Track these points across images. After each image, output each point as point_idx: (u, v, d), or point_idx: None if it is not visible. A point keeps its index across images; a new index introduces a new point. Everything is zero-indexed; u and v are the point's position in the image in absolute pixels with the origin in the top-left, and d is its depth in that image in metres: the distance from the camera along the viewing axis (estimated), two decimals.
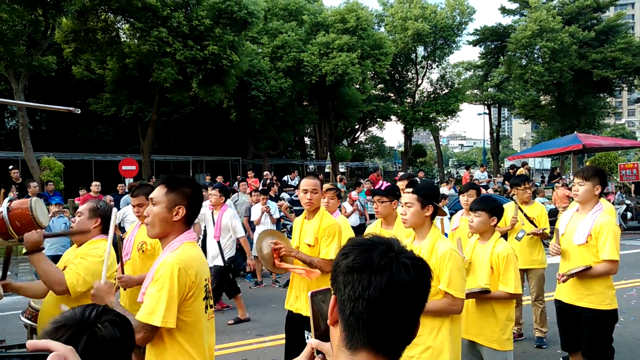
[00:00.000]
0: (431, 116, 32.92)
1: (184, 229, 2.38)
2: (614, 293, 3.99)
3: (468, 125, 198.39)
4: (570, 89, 31.27)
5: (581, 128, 29.06)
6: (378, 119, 37.34)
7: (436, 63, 35.07)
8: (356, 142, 42.43)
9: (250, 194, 10.65)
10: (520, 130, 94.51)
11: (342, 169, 36.40)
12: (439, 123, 35.66)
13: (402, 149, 39.33)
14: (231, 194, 10.12)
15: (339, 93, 27.39)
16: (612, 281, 4.03)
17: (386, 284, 0.97)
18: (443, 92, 34.68)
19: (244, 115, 25.74)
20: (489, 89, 37.17)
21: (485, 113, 40.20)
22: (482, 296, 3.57)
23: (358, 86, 29.22)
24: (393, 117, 35.04)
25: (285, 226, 11.25)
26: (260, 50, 24.56)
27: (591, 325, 3.91)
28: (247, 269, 10.15)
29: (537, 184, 18.59)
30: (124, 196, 11.01)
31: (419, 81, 35.20)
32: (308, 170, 34.23)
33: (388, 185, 4.14)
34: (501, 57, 33.15)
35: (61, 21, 16.93)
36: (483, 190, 14.58)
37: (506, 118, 53.81)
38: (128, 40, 20.74)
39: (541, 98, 35.94)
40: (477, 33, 33.78)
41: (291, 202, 10.36)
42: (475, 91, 37.51)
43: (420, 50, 33.89)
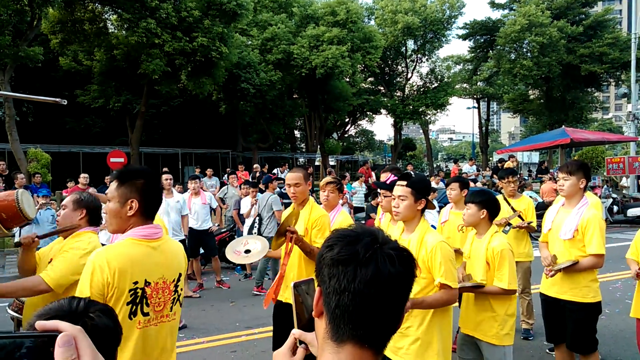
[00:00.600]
0: (421, 110, 33.00)
1: (142, 223, 2.28)
2: (598, 286, 4.05)
3: (457, 119, 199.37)
4: (558, 84, 31.48)
5: (569, 122, 29.31)
6: (368, 113, 37.35)
7: (426, 57, 35.10)
8: (346, 136, 42.45)
9: (239, 187, 10.64)
10: (508, 124, 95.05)
11: (332, 162, 36.41)
12: (429, 117, 35.76)
13: (392, 143, 39.43)
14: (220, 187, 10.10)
15: (329, 86, 27.35)
16: (598, 274, 4.09)
17: (372, 276, 0.97)
18: (433, 86, 34.76)
19: (234, 107, 25.61)
20: (478, 83, 37.31)
21: (474, 107, 40.39)
22: (477, 291, 3.58)
23: (348, 79, 29.19)
24: (383, 111, 35.07)
25: None
26: (249, 42, 24.41)
27: (575, 317, 3.97)
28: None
29: (525, 178, 18.72)
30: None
31: (409, 75, 35.24)
32: (298, 163, 34.20)
33: (394, 179, 4.11)
34: (490, 52, 33.29)
35: (47, 11, 16.70)
36: (472, 184, 14.67)
37: (495, 112, 54.03)
38: (116, 31, 20.52)
39: (530, 92, 36.15)
40: (467, 27, 33.87)
41: (280, 195, 10.33)
42: (464, 85, 37.63)
43: (410, 43, 33.90)
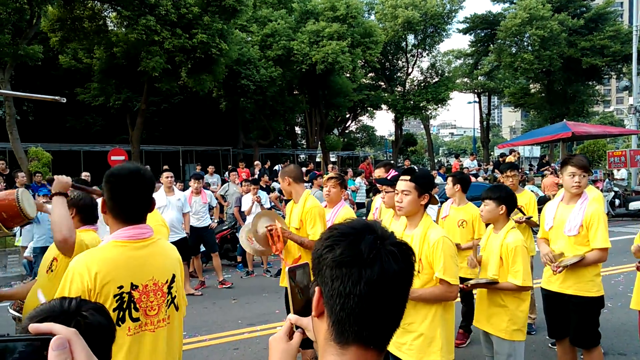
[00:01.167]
0: (421, 105, 32.94)
1: (123, 224, 2.17)
2: (601, 279, 4.04)
3: (458, 113, 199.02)
4: (559, 77, 31.40)
5: (570, 116, 29.25)
6: (369, 108, 37.28)
7: (426, 51, 35.01)
8: (347, 132, 42.40)
9: (240, 184, 10.63)
10: (510, 118, 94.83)
11: (333, 159, 36.39)
12: (430, 112, 35.69)
13: (393, 138, 39.39)
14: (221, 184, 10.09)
15: (330, 82, 27.30)
16: (600, 268, 4.08)
17: (377, 277, 0.96)
18: (433, 81, 34.68)
19: (234, 104, 25.58)
20: (479, 77, 37.23)
21: (475, 101, 40.32)
22: (492, 287, 3.59)
23: (348, 75, 29.13)
24: (384, 106, 35.01)
25: None
26: (249, 38, 24.35)
27: (580, 311, 3.96)
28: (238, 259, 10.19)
29: (526, 172, 18.70)
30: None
31: (410, 70, 35.16)
32: (299, 159, 34.19)
33: (395, 174, 4.11)
34: (491, 45, 33.19)
35: (47, 9, 16.68)
36: (473, 178, 14.66)
37: (496, 106, 54.02)
38: (115, 28, 20.48)
39: (531, 86, 36.08)
40: (467, 21, 33.78)
41: (281, 192, 10.34)
42: (465, 79, 37.55)
43: (410, 38, 33.81)
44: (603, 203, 4.44)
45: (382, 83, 35.31)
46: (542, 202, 8.80)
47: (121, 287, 2.08)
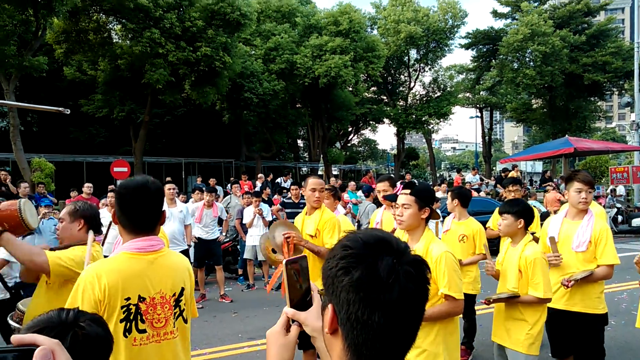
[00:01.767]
0: (424, 119, 33.02)
1: (132, 235, 2.22)
2: (604, 297, 4.02)
3: (460, 128, 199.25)
4: (561, 93, 31.50)
5: (572, 131, 29.27)
6: (371, 122, 37.39)
7: (429, 66, 35.18)
8: (349, 145, 42.48)
9: (242, 196, 10.63)
10: (512, 133, 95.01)
11: (335, 172, 36.41)
12: (432, 126, 35.76)
13: (395, 152, 39.42)
14: (222, 197, 10.08)
15: (332, 95, 27.42)
16: (604, 285, 4.06)
17: (396, 300, 0.95)
18: (435, 95, 34.80)
19: (237, 117, 25.68)
20: (481, 92, 37.35)
21: (477, 116, 40.39)
22: (513, 301, 3.55)
23: (351, 89, 29.27)
24: (386, 120, 35.11)
25: None
26: (253, 52, 24.52)
27: (586, 329, 3.92)
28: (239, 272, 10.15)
29: (528, 187, 18.67)
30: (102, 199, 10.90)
31: (412, 84, 35.31)
32: (301, 172, 34.21)
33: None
34: (493, 61, 33.36)
35: (52, 21, 16.81)
36: (475, 193, 14.64)
37: (498, 121, 54.12)
38: (120, 41, 20.64)
39: (533, 101, 36.17)
40: (469, 36, 33.98)
41: (283, 205, 10.32)
42: (467, 94, 37.66)
43: (412, 53, 34.00)
44: (606, 219, 4.43)
45: (385, 97, 35.43)
46: (544, 218, 8.77)
47: (128, 299, 2.11)
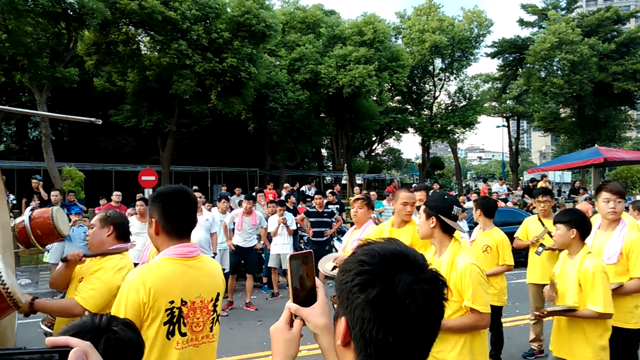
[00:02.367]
0: (449, 128, 32.79)
1: (172, 241, 2.27)
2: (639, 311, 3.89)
3: (486, 137, 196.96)
4: (590, 102, 30.90)
5: (602, 141, 28.65)
6: (395, 131, 37.29)
7: (454, 75, 34.98)
8: (373, 154, 42.42)
9: (266, 205, 10.68)
10: (539, 143, 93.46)
11: (359, 181, 36.36)
12: (457, 135, 35.50)
13: (420, 161, 39.18)
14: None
15: (356, 105, 27.47)
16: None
17: (412, 320, 0.93)
18: (461, 104, 34.55)
19: (262, 126, 25.92)
20: (508, 102, 36.93)
21: (504, 125, 39.91)
22: (570, 315, 3.44)
23: (375, 98, 29.27)
24: (410, 129, 34.97)
25: (302, 237, 11.22)
26: (278, 62, 24.77)
27: (618, 344, 3.80)
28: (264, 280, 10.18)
29: (556, 198, 18.31)
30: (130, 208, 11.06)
31: (437, 93, 35.14)
32: (325, 182, 34.21)
33: None
34: (520, 70, 32.99)
35: (83, 34, 17.30)
36: (502, 203, 14.42)
37: (525, 131, 53.34)
38: (148, 52, 21.10)
39: (561, 111, 35.58)
40: (495, 45, 33.69)
41: (307, 214, 10.33)
42: (493, 103, 37.28)
43: (437, 62, 33.87)
44: (639, 230, 4.31)
45: (409, 106, 35.33)
46: None
47: (172, 302, 2.16)
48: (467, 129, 34.45)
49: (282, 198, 11.91)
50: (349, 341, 1.01)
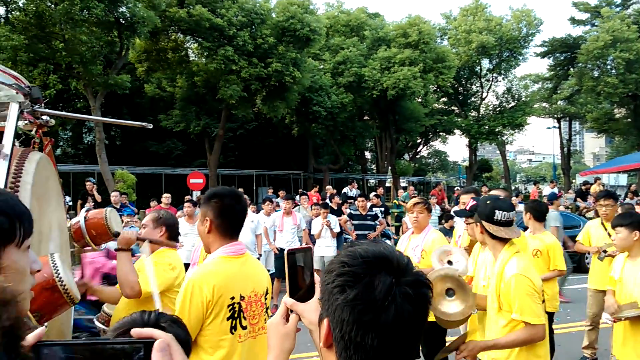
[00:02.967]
0: (497, 130, 32.01)
1: (224, 240, 2.37)
2: None
3: (536, 139, 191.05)
4: None
5: None
6: (441, 133, 36.73)
7: (502, 76, 34.16)
8: (418, 157, 41.94)
9: (310, 208, 10.73)
10: (593, 144, 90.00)
11: (404, 184, 35.98)
12: (506, 137, 34.63)
13: (467, 164, 38.46)
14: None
15: (400, 107, 27.23)
16: None
17: (391, 323, 0.92)
18: (509, 106, 33.70)
19: (306, 130, 26.09)
20: (559, 102, 35.71)
21: (554, 127, 38.62)
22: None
23: (420, 100, 28.95)
24: (457, 131, 34.37)
25: (346, 240, 11.22)
26: (322, 66, 24.90)
27: None
28: None
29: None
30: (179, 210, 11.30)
31: (484, 94, 34.38)
32: (368, 184, 34.06)
33: (474, 204, 3.94)
34: (571, 69, 31.85)
35: (135, 42, 17.91)
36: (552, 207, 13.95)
37: (577, 132, 51.49)
38: (196, 59, 21.63)
39: (615, 111, 34.13)
40: (545, 44, 32.67)
41: (350, 216, 10.31)
42: (543, 104, 36.16)
43: (485, 63, 33.15)
44: None
45: (455, 108, 34.74)
46: None
47: (233, 298, 2.29)
48: (516, 131, 33.55)
49: (326, 201, 11.93)
50: (332, 343, 1.00)
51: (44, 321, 2.01)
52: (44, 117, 3.02)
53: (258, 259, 7.97)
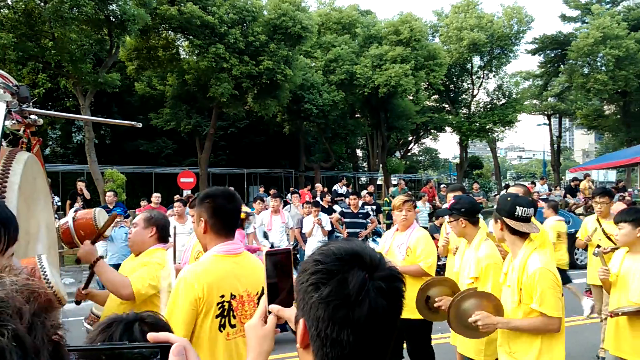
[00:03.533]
0: (488, 127, 32.14)
1: (219, 239, 2.40)
2: None
3: (527, 136, 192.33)
4: (636, 98, 29.82)
5: None
6: (432, 130, 36.86)
7: (493, 73, 34.28)
8: (409, 154, 42.03)
9: (302, 206, 10.73)
10: (582, 141, 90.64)
11: (395, 181, 36.07)
12: (496, 134, 34.79)
13: (458, 161, 38.61)
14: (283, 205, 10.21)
15: (392, 104, 27.28)
16: None
17: (365, 318, 0.93)
18: (500, 103, 33.84)
19: (297, 128, 26.08)
20: (549, 99, 35.93)
21: (545, 124, 38.86)
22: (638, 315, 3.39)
23: (411, 97, 29.01)
24: (448, 129, 34.49)
25: (337, 238, 11.21)
26: (313, 64, 24.87)
27: None
28: None
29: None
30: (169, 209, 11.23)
31: (475, 91, 34.50)
32: (360, 182, 34.10)
33: (453, 202, 3.95)
34: (562, 66, 32.05)
35: (125, 40, 17.78)
36: (542, 203, 14.03)
37: (567, 129, 51.81)
38: (187, 57, 21.53)
39: (605, 107, 34.42)
40: (536, 42, 32.84)
41: (342, 214, 10.32)
42: (534, 101, 36.36)
43: (476, 60, 33.26)
44: None
45: (447, 105, 34.85)
46: None
47: (223, 296, 2.31)
48: (507, 128, 33.71)
49: (317, 199, 11.93)
50: (308, 343, 1.01)
51: None
52: (32, 117, 3.00)
53: None
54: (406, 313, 1.18)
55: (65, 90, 21.32)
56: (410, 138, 37.33)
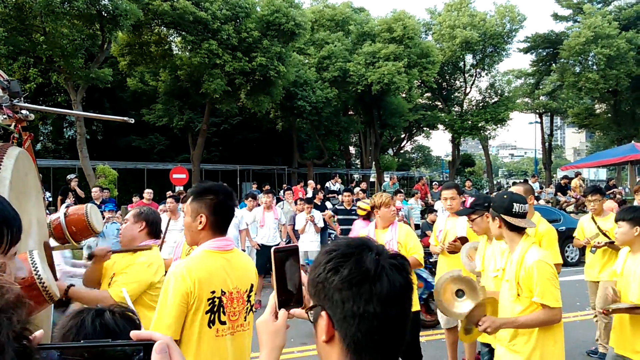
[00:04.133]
0: (480, 125, 32.25)
1: (213, 236, 2.38)
2: None
3: (519, 134, 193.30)
4: (627, 97, 30.03)
5: (639, 137, 27.80)
6: (425, 128, 36.93)
7: (485, 71, 34.41)
8: (402, 152, 42.11)
9: (295, 203, 10.73)
10: (573, 139, 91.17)
11: (387, 179, 36.15)
12: (488, 132, 34.92)
13: (450, 159, 38.75)
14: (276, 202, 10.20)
15: (385, 102, 27.31)
16: None
17: (387, 291, 0.99)
18: (492, 101, 33.98)
19: (290, 125, 26.04)
20: (541, 97, 36.12)
21: (536, 122, 39.05)
22: (634, 312, 3.39)
23: (404, 95, 29.04)
24: (440, 126, 34.58)
25: (329, 235, 11.24)
26: (306, 60, 24.84)
27: None
28: None
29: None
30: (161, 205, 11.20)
31: (468, 89, 34.61)
32: (353, 179, 34.14)
33: (473, 201, 4.15)
34: (553, 65, 32.22)
35: (117, 35, 17.67)
36: (535, 201, 14.15)
37: (559, 127, 52.09)
38: (180, 52, 21.44)
39: (596, 106, 34.65)
40: (528, 40, 33.00)
41: (335, 212, 10.33)
42: (526, 99, 36.54)
43: (468, 58, 33.37)
44: None
45: (439, 103, 34.94)
46: None
47: (213, 292, 2.30)
48: (499, 126, 33.85)
49: (309, 195, 11.93)
50: (333, 334, 1.02)
51: None
52: (24, 112, 2.98)
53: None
54: None
55: (56, 85, 21.15)
56: (402, 135, 37.39)
